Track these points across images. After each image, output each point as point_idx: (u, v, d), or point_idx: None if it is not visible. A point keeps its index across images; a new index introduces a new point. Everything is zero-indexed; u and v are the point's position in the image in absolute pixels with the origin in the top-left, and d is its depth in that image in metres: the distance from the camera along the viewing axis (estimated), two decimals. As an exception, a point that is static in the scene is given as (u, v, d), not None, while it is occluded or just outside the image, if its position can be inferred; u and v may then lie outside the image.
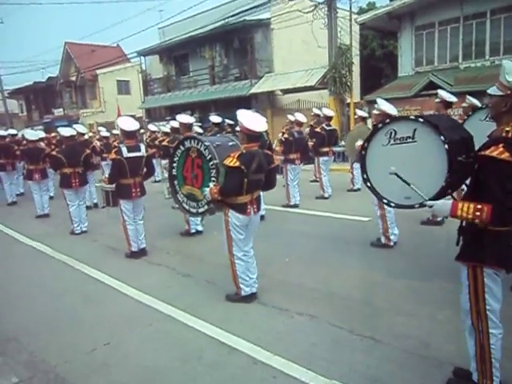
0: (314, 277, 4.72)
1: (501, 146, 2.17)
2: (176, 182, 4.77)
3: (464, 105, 6.83)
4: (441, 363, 2.94)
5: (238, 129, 4.17)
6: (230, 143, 4.39)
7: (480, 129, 2.86)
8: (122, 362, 3.27)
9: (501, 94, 2.27)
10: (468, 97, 6.43)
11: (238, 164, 3.70)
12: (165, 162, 7.28)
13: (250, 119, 3.86)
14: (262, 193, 6.71)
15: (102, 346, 3.49)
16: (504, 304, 2.45)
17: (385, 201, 2.76)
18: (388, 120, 2.74)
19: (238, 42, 20.65)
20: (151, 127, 13.43)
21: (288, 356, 3.14)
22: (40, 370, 3.22)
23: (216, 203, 3.98)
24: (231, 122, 8.90)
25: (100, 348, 3.47)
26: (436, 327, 3.47)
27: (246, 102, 18.82)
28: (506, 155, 2.13)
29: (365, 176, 2.87)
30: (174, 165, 4.74)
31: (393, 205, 2.71)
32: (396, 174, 2.56)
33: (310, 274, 4.80)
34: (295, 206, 8.27)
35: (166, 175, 5.38)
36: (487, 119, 4.35)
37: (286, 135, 8.17)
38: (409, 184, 2.50)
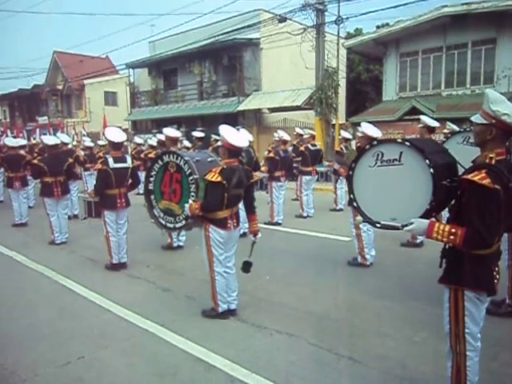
0: (293, 295, 4.72)
1: (483, 171, 2.21)
2: (153, 197, 4.72)
3: (445, 131, 7.07)
4: (417, 385, 2.96)
5: (219, 144, 4.21)
6: (209, 159, 4.42)
7: (458, 152, 2.93)
8: (96, 376, 3.19)
9: (485, 122, 2.32)
10: (448, 123, 6.66)
11: (219, 179, 3.73)
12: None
13: (233, 134, 3.91)
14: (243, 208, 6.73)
15: (76, 360, 3.40)
16: (490, 328, 2.49)
17: (371, 221, 2.78)
18: (376, 142, 2.78)
19: (227, 60, 20.90)
20: (137, 139, 13.41)
21: (266, 374, 3.12)
22: (9, 383, 3.12)
23: (195, 218, 3.98)
24: (218, 138, 8.94)
25: (74, 362, 3.38)
26: (413, 349, 3.50)
27: (233, 118, 18.96)
28: (487, 181, 2.16)
29: (351, 196, 2.90)
30: (151, 179, 4.70)
31: (379, 226, 2.73)
32: (364, 221, 2.71)
33: (290, 293, 4.80)
34: (278, 223, 8.30)
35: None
36: (464, 142, 4.48)
37: (271, 154, 8.24)
38: (378, 222, 2.59)
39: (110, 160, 5.48)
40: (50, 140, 7.35)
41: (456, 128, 6.73)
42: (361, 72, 25.79)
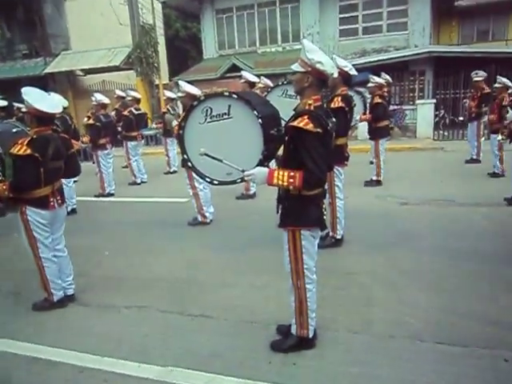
0: (137, 266, 4.55)
1: (306, 117, 2.40)
2: None
3: (260, 85, 7.50)
4: (266, 325, 3.18)
5: (24, 110, 3.60)
6: (15, 129, 3.81)
7: (279, 104, 3.11)
8: None
9: (303, 70, 2.50)
10: (262, 77, 7.09)
11: (29, 151, 3.21)
12: None
13: (40, 99, 3.36)
14: (72, 183, 6.09)
15: None
16: (318, 260, 2.77)
17: (208, 179, 2.76)
18: (203, 97, 2.71)
19: (22, 13, 17.89)
20: None
21: (118, 355, 2.94)
22: None
23: (7, 202, 3.38)
24: (21, 106, 7.71)
25: None
26: (257, 293, 3.74)
27: (42, 82, 16.50)
28: (310, 126, 2.36)
29: (185, 156, 2.82)
30: None
31: (216, 182, 2.73)
32: (206, 154, 2.59)
33: (133, 264, 4.60)
34: (110, 194, 7.78)
35: None
36: (284, 95, 4.82)
37: (91, 120, 7.53)
38: (221, 160, 2.55)
39: None
40: None
41: (268, 82, 7.21)
42: (178, 29, 25.17)
